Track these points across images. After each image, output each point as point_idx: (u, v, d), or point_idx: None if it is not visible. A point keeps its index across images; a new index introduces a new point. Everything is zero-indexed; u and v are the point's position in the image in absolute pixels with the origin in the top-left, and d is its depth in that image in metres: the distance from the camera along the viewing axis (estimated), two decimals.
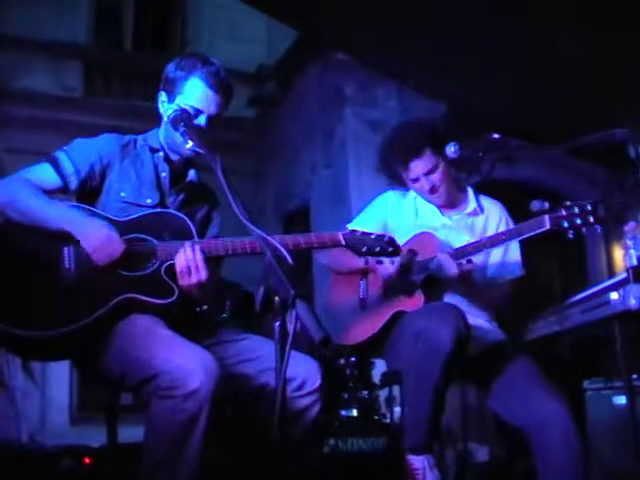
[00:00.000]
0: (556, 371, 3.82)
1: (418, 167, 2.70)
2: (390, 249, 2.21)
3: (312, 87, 7.68)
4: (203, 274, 2.04)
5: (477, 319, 2.70)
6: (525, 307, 3.59)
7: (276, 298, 1.46)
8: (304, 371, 2.12)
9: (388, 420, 3.61)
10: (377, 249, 2.20)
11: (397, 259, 2.45)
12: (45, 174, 2.17)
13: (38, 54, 7.84)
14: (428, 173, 2.70)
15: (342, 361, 3.23)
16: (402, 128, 2.83)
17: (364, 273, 2.80)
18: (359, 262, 2.58)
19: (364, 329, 2.72)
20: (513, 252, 2.76)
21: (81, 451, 2.90)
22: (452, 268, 2.51)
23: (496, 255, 2.74)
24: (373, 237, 2.22)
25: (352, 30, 5.91)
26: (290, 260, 1.55)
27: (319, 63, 7.47)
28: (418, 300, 2.57)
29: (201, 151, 2.06)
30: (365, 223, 2.78)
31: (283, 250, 1.58)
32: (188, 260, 2.03)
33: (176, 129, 2.16)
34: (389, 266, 2.54)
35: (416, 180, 2.73)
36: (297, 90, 8.01)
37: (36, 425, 7.00)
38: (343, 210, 6.59)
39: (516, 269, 2.76)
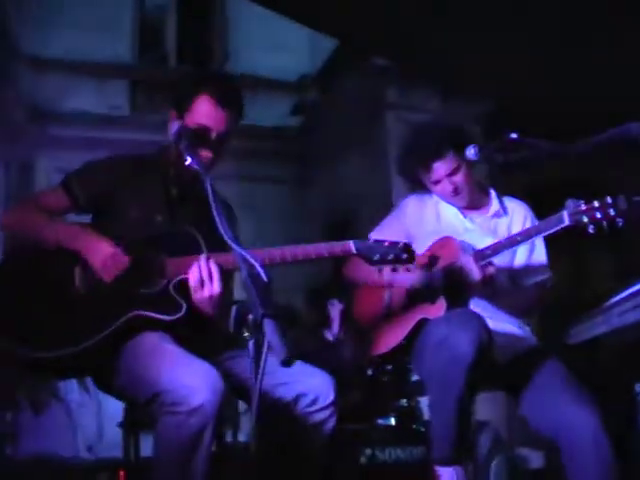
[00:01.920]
0: (601, 376, 3.69)
1: (440, 169, 2.64)
2: (404, 256, 2.16)
3: (353, 93, 7.69)
4: (217, 287, 2.03)
5: (507, 325, 2.62)
6: (578, 310, 3.49)
7: (250, 316, 1.45)
8: (317, 386, 2.11)
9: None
10: (390, 257, 2.15)
11: (413, 266, 2.39)
12: (56, 196, 2.23)
13: (84, 75, 8.05)
14: (450, 174, 2.64)
15: (370, 372, 3.19)
16: (422, 130, 2.78)
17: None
18: (376, 275, 2.52)
19: (390, 339, 2.67)
20: (538, 253, 2.67)
21: (117, 465, 2.95)
22: (475, 272, 2.44)
23: (521, 257, 2.66)
24: (386, 244, 2.17)
25: (393, 33, 5.88)
26: (265, 278, 1.53)
27: (359, 69, 7.47)
28: (440, 307, 2.50)
29: (197, 168, 2.04)
30: (387, 231, 2.74)
31: (259, 268, 1.56)
32: (202, 273, 2.03)
33: (178, 145, 2.17)
34: (408, 275, 2.49)
35: (438, 182, 2.67)
36: (338, 97, 8.02)
37: (93, 437, 7.14)
38: (386, 215, 6.53)
39: (542, 271, 2.67)
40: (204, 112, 2.25)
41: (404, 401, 3.70)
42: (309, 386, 2.09)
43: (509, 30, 5.31)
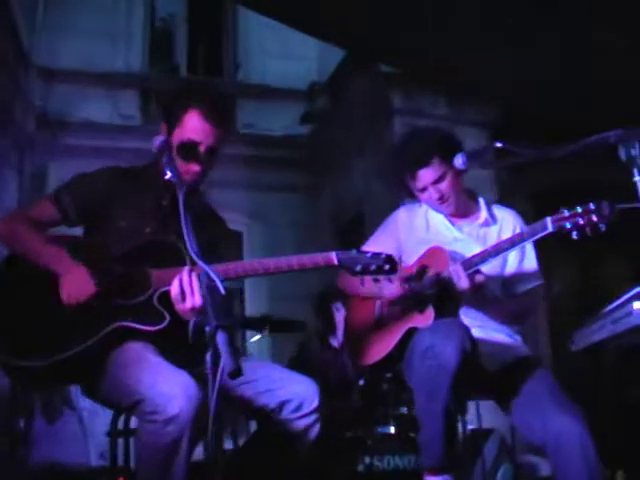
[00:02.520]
0: (602, 381, 3.67)
1: (426, 176, 2.65)
2: (387, 267, 2.18)
3: (361, 100, 7.72)
4: (198, 299, 2.06)
5: (497, 334, 2.63)
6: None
7: (207, 328, 1.47)
8: (301, 392, 2.15)
9: None
10: (373, 267, 2.17)
11: (395, 277, 2.41)
12: (46, 209, 2.28)
13: (95, 85, 8.12)
14: (436, 182, 2.65)
15: (361, 382, 3.19)
16: (409, 137, 2.79)
17: None
18: (362, 287, 2.53)
19: (380, 348, 2.68)
20: (529, 261, 2.68)
21: (118, 471, 2.98)
22: (463, 280, 2.44)
23: (512, 265, 2.67)
24: (369, 255, 2.19)
25: (400, 41, 5.90)
26: (222, 291, 1.56)
27: (366, 76, 7.51)
28: (429, 316, 2.51)
29: (175, 181, 2.07)
30: (378, 243, 2.75)
31: (218, 282, 1.59)
32: (183, 286, 2.06)
33: (160, 159, 2.20)
34: (390, 287, 2.50)
35: (424, 190, 2.68)
36: (347, 104, 8.06)
37: (105, 444, 7.19)
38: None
39: (534, 278, 2.67)
40: (193, 127, 2.30)
41: (404, 409, 3.70)
42: (293, 393, 2.14)
43: (517, 37, 5.32)
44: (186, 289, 2.05)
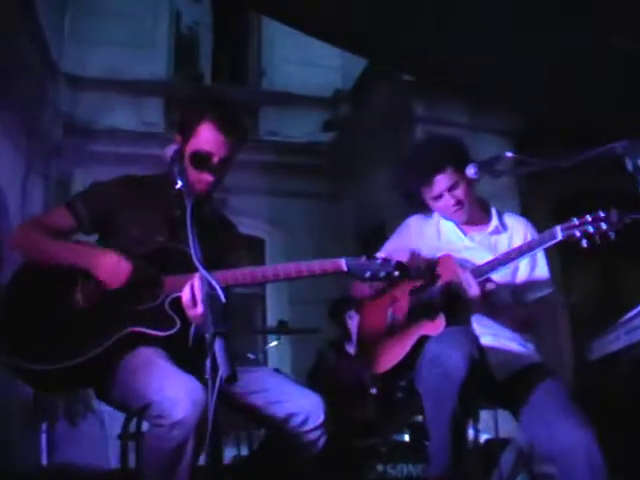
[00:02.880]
0: (619, 391, 3.63)
1: (442, 182, 2.65)
2: (396, 273, 2.19)
3: (383, 108, 7.74)
4: None
5: (508, 342, 2.62)
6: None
7: (207, 335, 1.50)
8: (307, 407, 2.18)
9: None
10: (382, 274, 2.18)
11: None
12: (62, 217, 2.33)
13: (121, 93, 8.26)
14: (451, 188, 2.66)
15: (373, 390, 3.20)
16: (422, 146, 2.81)
17: (393, 300, 2.77)
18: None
19: (391, 356, 2.68)
20: (541, 269, 2.66)
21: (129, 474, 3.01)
22: (473, 288, 2.45)
23: (523, 273, 2.66)
24: (378, 262, 2.20)
25: (422, 54, 5.91)
26: (223, 298, 1.59)
27: (389, 84, 7.54)
28: (440, 324, 2.51)
29: (185, 191, 2.11)
30: (389, 251, 2.75)
31: (218, 289, 1.62)
32: (193, 292, 2.09)
33: (172, 168, 2.23)
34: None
35: (439, 197, 2.69)
36: (369, 112, 8.09)
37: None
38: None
39: (545, 286, 2.66)
40: (206, 138, 2.34)
41: (419, 417, 3.70)
42: (299, 406, 2.17)
43: (539, 46, 5.30)
44: (197, 295, 2.09)
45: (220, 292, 1.61)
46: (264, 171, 8.30)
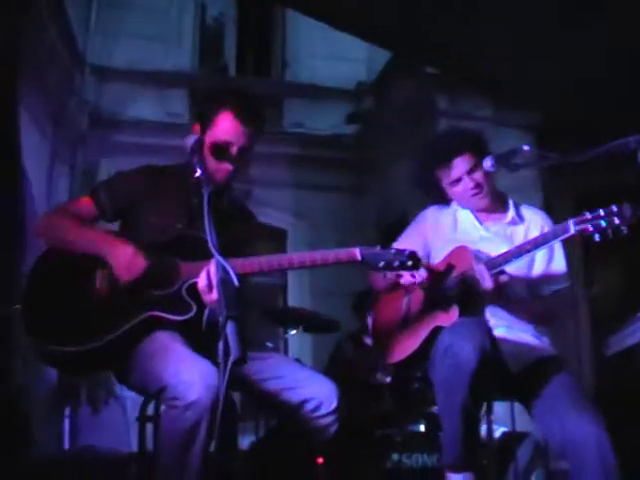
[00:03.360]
0: (636, 386, 3.62)
1: (461, 165, 2.67)
2: (410, 263, 2.21)
3: (406, 101, 7.72)
4: None
5: (522, 334, 2.62)
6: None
7: (220, 318, 1.54)
8: (321, 393, 2.22)
9: None
10: (396, 264, 2.21)
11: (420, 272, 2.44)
12: (85, 205, 2.40)
13: (146, 85, 8.31)
14: (470, 171, 2.67)
15: (388, 379, 3.22)
16: (442, 135, 2.83)
17: (408, 291, 2.79)
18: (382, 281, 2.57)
19: (406, 346, 2.71)
20: (557, 262, 2.67)
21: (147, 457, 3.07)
22: (487, 280, 2.46)
23: (539, 266, 2.66)
24: (392, 252, 2.23)
25: (446, 46, 5.90)
26: (236, 282, 1.63)
27: (412, 78, 7.51)
28: (453, 315, 2.53)
29: (203, 179, 2.14)
30: (407, 241, 2.79)
31: (232, 273, 1.66)
32: (209, 278, 2.13)
33: (192, 158, 2.27)
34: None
35: (459, 180, 2.70)
36: (393, 105, 8.07)
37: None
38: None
39: (561, 280, 2.66)
40: (226, 128, 2.38)
41: (435, 408, 3.72)
42: (314, 392, 2.21)
43: (559, 41, 5.27)
44: (213, 281, 2.13)
45: (233, 276, 1.65)
46: (288, 163, 8.33)
